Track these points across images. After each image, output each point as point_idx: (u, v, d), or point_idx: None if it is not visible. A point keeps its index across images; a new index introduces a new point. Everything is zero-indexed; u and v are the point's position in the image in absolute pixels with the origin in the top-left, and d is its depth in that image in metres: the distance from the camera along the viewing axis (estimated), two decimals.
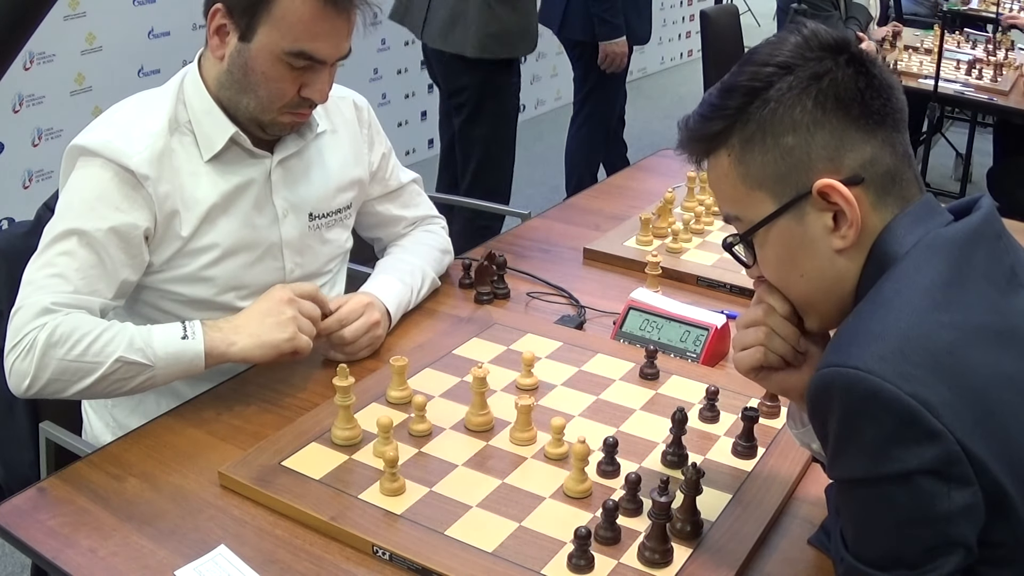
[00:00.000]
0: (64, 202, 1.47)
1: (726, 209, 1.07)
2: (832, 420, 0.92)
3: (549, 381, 1.51)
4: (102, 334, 1.39)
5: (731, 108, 1.00)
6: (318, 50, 1.46)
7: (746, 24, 5.62)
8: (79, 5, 3.63)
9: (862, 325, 0.94)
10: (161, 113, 1.52)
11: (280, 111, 1.51)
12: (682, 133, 1.06)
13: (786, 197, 1.00)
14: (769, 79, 0.99)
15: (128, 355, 1.39)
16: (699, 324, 1.62)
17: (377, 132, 1.79)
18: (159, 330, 1.43)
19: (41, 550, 1.18)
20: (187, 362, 1.42)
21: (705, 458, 1.33)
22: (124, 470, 1.32)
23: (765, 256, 1.05)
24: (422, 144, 5.47)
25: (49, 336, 1.36)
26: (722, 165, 1.03)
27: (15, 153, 3.52)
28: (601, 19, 4.00)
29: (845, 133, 0.98)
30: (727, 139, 1.02)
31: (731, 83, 1.02)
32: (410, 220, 1.85)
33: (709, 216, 2.14)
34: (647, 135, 5.53)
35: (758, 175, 1.01)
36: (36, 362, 1.36)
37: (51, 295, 1.40)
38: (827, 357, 0.94)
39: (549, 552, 1.15)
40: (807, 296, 1.05)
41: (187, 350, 1.41)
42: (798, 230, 1.01)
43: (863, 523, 0.93)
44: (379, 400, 1.45)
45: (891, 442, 0.87)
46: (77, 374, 1.38)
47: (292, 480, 1.27)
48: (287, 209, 1.61)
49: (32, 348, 1.36)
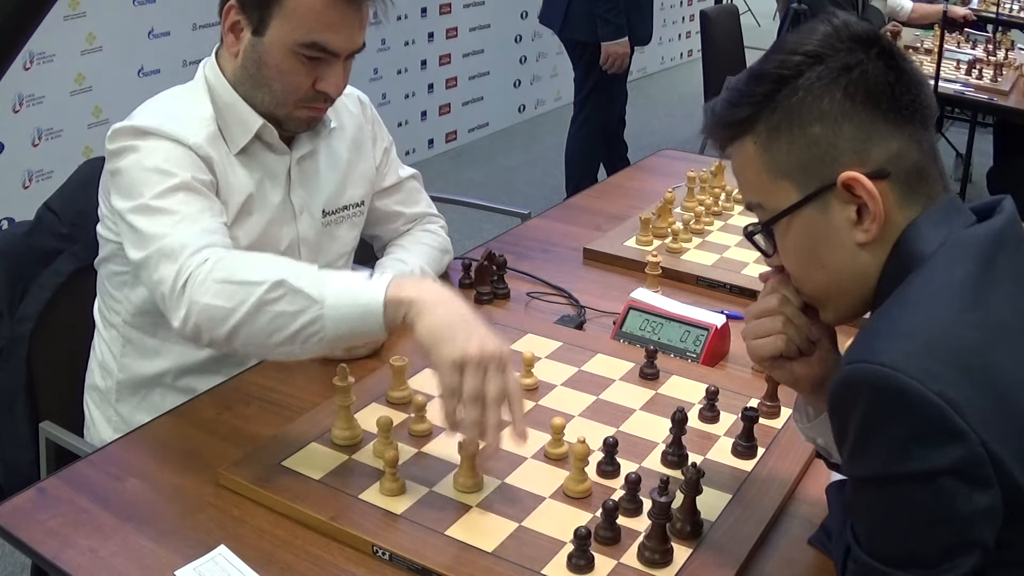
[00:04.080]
0: (137, 175, 1.43)
1: (748, 197, 1.06)
2: (855, 417, 0.91)
3: (549, 381, 1.51)
4: (260, 257, 1.33)
5: (759, 95, 1.00)
6: (330, 41, 1.46)
7: (746, 24, 5.62)
8: (79, 5, 3.62)
9: (889, 323, 0.93)
10: (204, 102, 1.53)
11: (295, 105, 1.52)
12: (708, 118, 1.05)
13: (810, 188, 0.99)
14: (799, 68, 0.98)
15: (291, 280, 1.23)
16: (699, 324, 1.61)
17: (380, 127, 1.80)
18: (338, 271, 1.30)
19: (41, 550, 1.18)
20: (361, 307, 1.21)
21: (705, 458, 1.33)
22: (124, 470, 1.32)
23: (786, 246, 1.04)
24: (422, 144, 5.48)
25: (206, 264, 1.30)
26: (747, 152, 1.02)
27: (15, 153, 3.51)
28: (603, 19, 4.00)
29: (873, 126, 0.97)
30: (753, 126, 1.01)
31: (760, 70, 1.01)
32: (409, 217, 1.85)
33: (709, 216, 2.14)
34: (647, 135, 5.52)
35: (783, 164, 1.00)
36: (192, 292, 1.29)
37: (185, 237, 1.35)
38: (853, 353, 0.93)
39: (549, 552, 1.15)
40: (826, 288, 1.04)
41: (365, 291, 1.21)
42: (821, 221, 1.00)
43: (881, 521, 0.93)
44: (379, 400, 1.45)
45: (915, 441, 0.87)
46: (235, 296, 1.25)
47: (292, 480, 1.27)
48: (303, 206, 1.62)
49: (190, 280, 1.30)
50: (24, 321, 1.67)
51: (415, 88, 5.38)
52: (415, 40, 5.31)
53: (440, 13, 5.43)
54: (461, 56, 5.67)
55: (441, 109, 5.60)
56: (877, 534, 0.93)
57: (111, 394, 1.63)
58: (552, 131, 5.65)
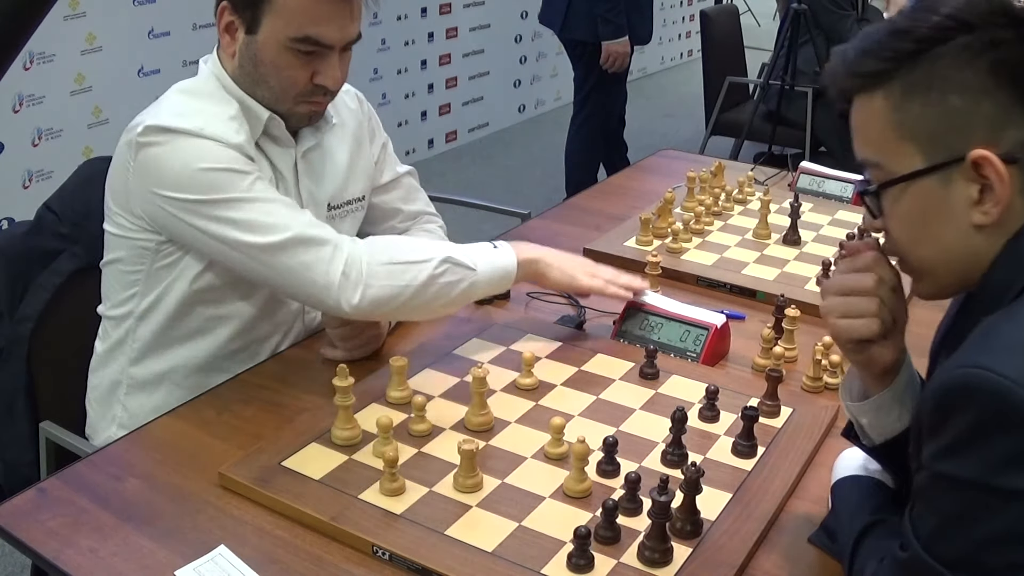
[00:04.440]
0: (189, 176, 1.43)
1: (865, 153, 1.02)
2: (960, 419, 0.88)
3: (549, 381, 1.51)
4: (412, 241, 1.54)
5: (901, 51, 0.95)
6: (323, 34, 1.46)
7: (746, 24, 5.62)
8: (79, 5, 3.63)
9: (1017, 330, 0.90)
10: (225, 99, 1.53)
11: (295, 100, 1.52)
12: (836, 64, 1.01)
13: (937, 158, 0.95)
14: (947, 32, 0.94)
15: (453, 255, 1.49)
16: (699, 324, 1.61)
17: (377, 124, 1.81)
18: (467, 245, 1.54)
19: (41, 550, 1.18)
20: (503, 266, 1.54)
21: (705, 457, 1.33)
22: (124, 470, 1.32)
23: (897, 211, 1.00)
24: (422, 144, 5.48)
25: (365, 249, 1.45)
26: (874, 107, 0.98)
27: (15, 153, 3.51)
28: (604, 19, 4.01)
29: (1012, 109, 0.94)
30: (887, 81, 0.97)
31: (906, 26, 0.96)
32: (408, 214, 1.85)
33: (709, 216, 2.14)
34: (647, 135, 5.52)
35: (912, 127, 0.96)
36: (366, 276, 1.43)
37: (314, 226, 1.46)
38: (972, 356, 0.89)
39: (549, 552, 1.15)
40: (930, 262, 1.01)
41: (501, 257, 1.54)
42: (940, 194, 0.96)
43: (952, 522, 0.90)
44: (379, 400, 1.45)
45: (1018, 459, 0.85)
46: (406, 275, 1.45)
47: (292, 480, 1.27)
48: (309, 200, 1.63)
49: (360, 266, 1.43)
50: (24, 321, 1.67)
51: (415, 88, 5.38)
52: (415, 40, 5.31)
53: (440, 13, 5.43)
54: (461, 56, 5.67)
55: (441, 109, 5.61)
56: (944, 534, 0.91)
57: (118, 390, 1.62)
58: (552, 131, 5.65)
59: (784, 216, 2.09)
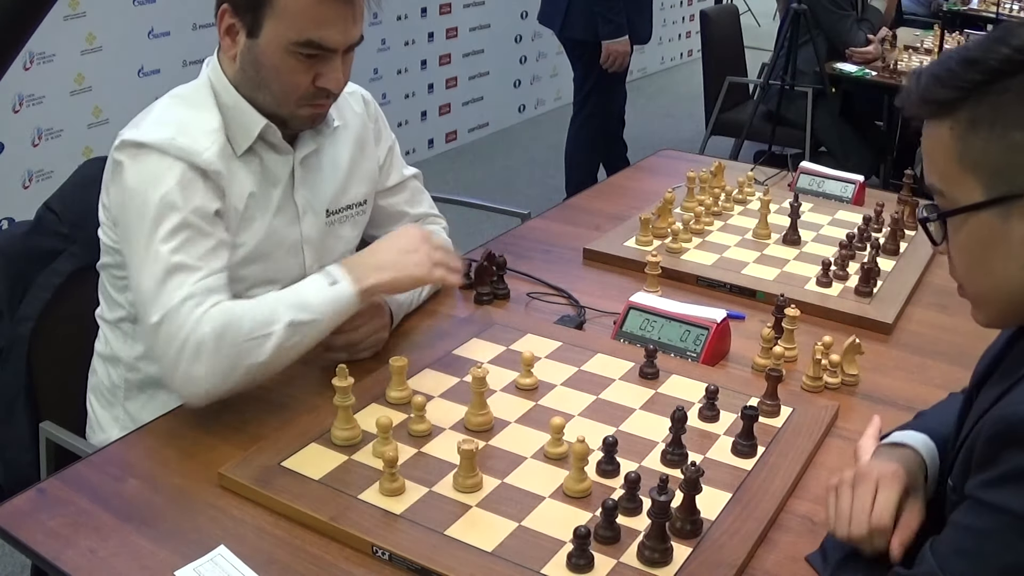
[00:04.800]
0: (143, 199, 1.42)
1: (931, 180, 1.02)
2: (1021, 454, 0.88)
3: (549, 381, 1.51)
4: (255, 307, 1.41)
5: (969, 82, 0.95)
6: (325, 38, 1.45)
7: (746, 24, 5.62)
8: (79, 5, 3.63)
9: None
10: (211, 108, 1.52)
11: (298, 104, 1.51)
12: (911, 88, 1.01)
13: (996, 192, 0.96)
14: (1016, 65, 0.93)
15: (295, 316, 1.41)
16: (699, 323, 1.61)
17: (384, 126, 1.80)
18: (303, 286, 1.46)
19: (41, 551, 1.18)
20: (345, 303, 1.46)
21: (705, 457, 1.33)
22: (124, 471, 1.32)
23: (957, 241, 1.01)
24: (422, 144, 5.48)
25: (211, 329, 1.36)
26: (942, 135, 0.98)
27: (15, 153, 3.51)
28: (604, 18, 4.01)
29: None
30: (954, 111, 0.96)
31: (978, 56, 0.95)
32: (413, 217, 1.85)
33: (709, 216, 2.14)
34: (647, 135, 5.52)
35: (975, 159, 0.96)
36: (211, 358, 1.35)
37: (185, 291, 1.38)
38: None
39: (549, 552, 1.15)
40: (986, 293, 1.02)
41: (341, 293, 1.45)
42: (999, 228, 0.96)
43: (977, 547, 0.90)
44: (379, 400, 1.45)
45: None
46: (252, 353, 1.38)
47: (292, 480, 1.27)
48: (306, 207, 1.62)
49: (199, 348, 1.35)
50: (24, 321, 1.67)
51: (415, 88, 5.38)
52: (415, 40, 5.32)
53: (440, 13, 5.43)
54: (461, 56, 5.67)
55: (441, 109, 5.61)
56: (963, 555, 0.91)
57: (119, 393, 1.62)
58: (552, 131, 5.65)
59: (784, 216, 2.09)
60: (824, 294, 1.83)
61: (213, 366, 1.36)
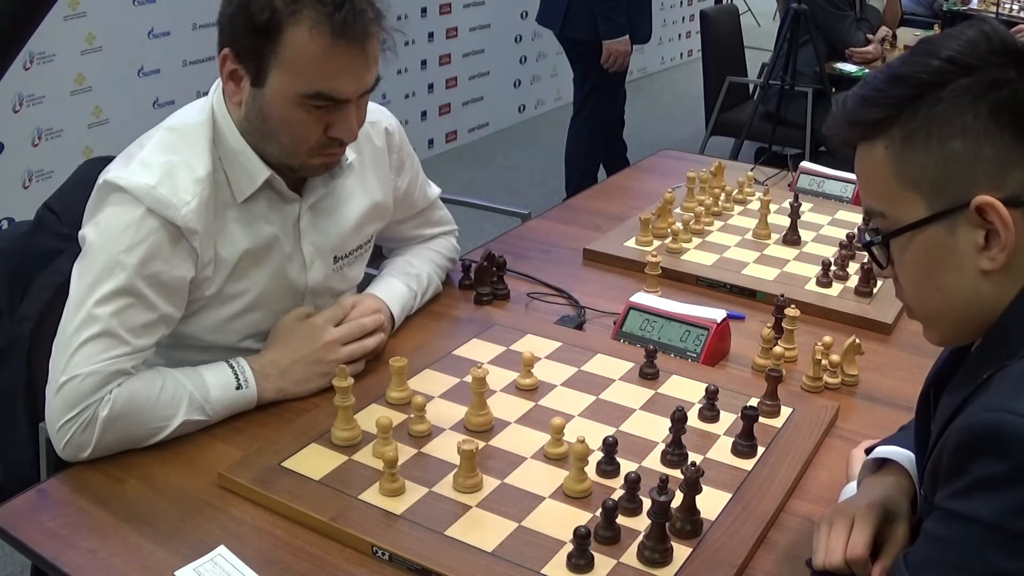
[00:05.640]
0: (101, 249, 1.36)
1: (870, 203, 1.00)
2: (987, 463, 0.86)
3: (549, 381, 1.51)
4: (159, 397, 1.36)
5: (897, 98, 0.94)
6: (336, 89, 1.35)
7: (746, 24, 5.62)
8: (79, 5, 3.62)
9: None
10: (203, 152, 1.41)
11: (309, 154, 1.41)
12: (837, 113, 0.99)
13: (940, 205, 0.93)
14: (945, 76, 0.92)
15: (190, 416, 1.38)
16: (699, 323, 1.61)
17: (408, 155, 1.72)
18: (213, 380, 1.41)
19: (41, 551, 1.18)
20: (242, 407, 1.44)
21: (705, 457, 1.33)
22: (124, 471, 1.32)
23: (903, 260, 0.99)
24: (422, 144, 5.48)
25: (110, 411, 1.31)
26: (876, 157, 0.96)
27: (15, 153, 3.51)
28: (604, 18, 4.01)
29: (1015, 151, 0.91)
30: (887, 130, 0.95)
31: (902, 72, 0.94)
32: (428, 237, 1.84)
33: (709, 216, 2.14)
34: (647, 135, 5.52)
35: (915, 175, 0.94)
36: (97, 435, 1.31)
37: (99, 365, 1.32)
38: (1003, 400, 0.87)
39: (549, 552, 1.15)
40: (939, 311, 0.99)
41: (242, 399, 1.43)
42: (946, 242, 0.94)
43: (950, 558, 0.89)
44: (379, 401, 1.45)
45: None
46: (140, 440, 1.36)
47: (292, 481, 1.27)
48: (314, 255, 1.56)
49: (92, 422, 1.31)
50: (24, 321, 1.67)
51: (415, 88, 5.38)
52: (415, 40, 5.31)
53: (440, 13, 5.43)
54: (461, 56, 5.67)
55: (441, 109, 5.61)
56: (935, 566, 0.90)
57: None
58: (552, 131, 5.65)
59: (784, 216, 2.09)
60: (824, 294, 1.83)
61: (101, 440, 1.32)
